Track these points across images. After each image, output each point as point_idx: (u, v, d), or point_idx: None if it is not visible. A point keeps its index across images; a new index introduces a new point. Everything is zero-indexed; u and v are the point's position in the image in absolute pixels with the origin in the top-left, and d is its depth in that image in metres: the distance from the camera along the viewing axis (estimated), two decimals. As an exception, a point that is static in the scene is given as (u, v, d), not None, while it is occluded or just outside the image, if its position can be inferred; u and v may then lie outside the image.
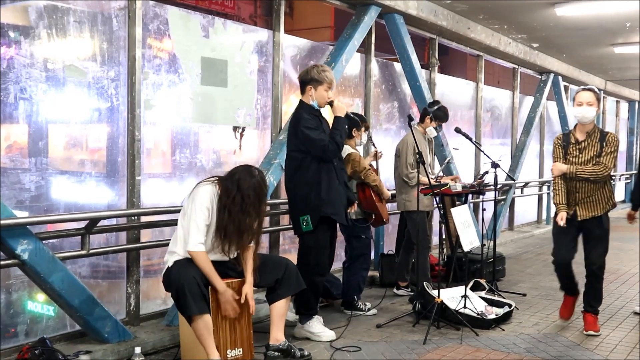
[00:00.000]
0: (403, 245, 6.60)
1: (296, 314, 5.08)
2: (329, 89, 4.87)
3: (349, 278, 5.76)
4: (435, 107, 6.41)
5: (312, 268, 4.91)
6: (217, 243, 4.10)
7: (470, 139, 6.62)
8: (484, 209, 6.89)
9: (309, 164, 4.81)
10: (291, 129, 4.92)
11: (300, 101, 4.98)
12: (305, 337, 4.97)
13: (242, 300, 4.19)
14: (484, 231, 6.90)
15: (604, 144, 5.05)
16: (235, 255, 4.27)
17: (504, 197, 10.43)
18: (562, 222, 5.06)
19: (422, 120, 6.33)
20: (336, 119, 4.89)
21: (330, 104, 4.92)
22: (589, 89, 5.15)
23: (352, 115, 5.12)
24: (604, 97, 15.72)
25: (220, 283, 4.08)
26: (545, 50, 11.11)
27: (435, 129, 6.41)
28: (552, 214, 5.41)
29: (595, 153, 5.06)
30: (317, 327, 4.98)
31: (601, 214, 5.13)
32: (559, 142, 5.27)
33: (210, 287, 4.09)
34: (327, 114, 5.15)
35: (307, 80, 4.89)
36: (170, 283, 4.07)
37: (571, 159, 5.15)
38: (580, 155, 5.12)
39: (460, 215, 5.68)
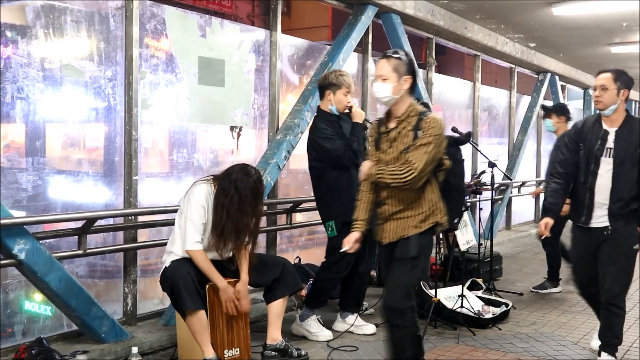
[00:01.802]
0: None
1: (303, 303, 5.17)
2: (348, 93, 4.95)
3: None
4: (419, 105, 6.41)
5: (331, 266, 5.05)
6: (214, 242, 4.11)
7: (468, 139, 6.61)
8: (481, 209, 6.89)
9: (330, 173, 4.95)
10: (308, 140, 5.05)
11: (318, 109, 5.10)
12: (302, 335, 4.99)
13: (235, 298, 4.20)
14: (481, 230, 6.91)
15: (418, 132, 3.55)
16: (230, 254, 4.28)
17: (501, 196, 10.44)
18: (346, 247, 3.74)
19: None
20: (354, 125, 4.97)
21: (349, 109, 4.99)
22: (385, 56, 3.67)
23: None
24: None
25: (221, 280, 4.09)
26: (542, 50, 11.12)
27: None
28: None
29: (406, 146, 3.58)
30: (315, 326, 4.99)
31: (411, 235, 3.61)
32: (372, 132, 3.82)
33: (207, 286, 4.10)
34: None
35: (325, 85, 4.98)
36: (166, 280, 4.08)
37: (380, 155, 3.71)
38: (390, 149, 3.64)
39: (458, 214, 5.68)
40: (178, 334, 4.39)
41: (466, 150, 9.31)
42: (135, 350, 4.09)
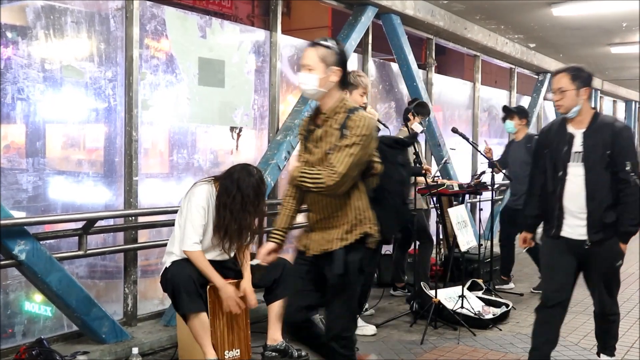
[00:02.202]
0: (397, 245, 6.60)
1: None
2: (364, 94, 4.96)
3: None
4: (415, 104, 6.44)
5: None
6: (217, 242, 4.12)
7: (467, 139, 6.63)
8: (481, 209, 6.89)
9: None
10: None
11: None
12: None
13: (241, 294, 4.21)
14: (481, 231, 6.91)
15: (344, 131, 3.13)
16: (233, 254, 4.29)
17: (501, 197, 10.43)
18: (259, 259, 3.41)
19: (405, 120, 6.30)
20: None
21: (364, 109, 5.00)
22: (312, 43, 3.25)
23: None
24: (600, 97, 15.72)
25: (219, 279, 4.09)
26: (542, 50, 11.13)
27: (420, 123, 6.39)
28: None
29: (332, 146, 3.16)
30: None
31: (336, 249, 3.19)
32: (302, 130, 3.40)
33: (208, 287, 4.10)
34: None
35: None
36: (167, 282, 4.08)
37: (307, 156, 3.31)
38: (317, 149, 3.24)
39: (458, 215, 5.69)
40: (178, 334, 4.39)
41: (466, 150, 9.33)
42: (135, 350, 4.09)
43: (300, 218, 3.56)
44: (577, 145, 3.85)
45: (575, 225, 3.88)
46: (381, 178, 3.33)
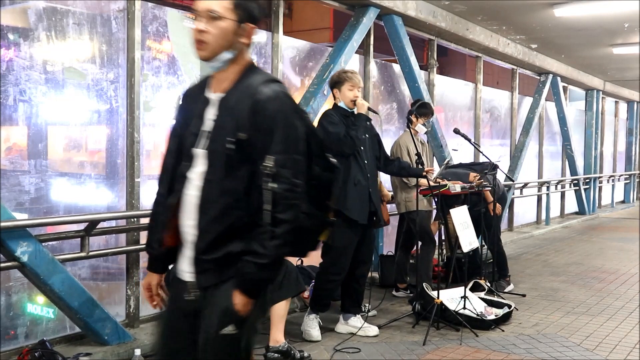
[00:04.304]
0: (400, 246, 6.59)
1: (308, 306, 5.18)
2: (353, 87, 5.02)
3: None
4: (417, 105, 6.43)
5: (329, 267, 5.04)
6: None
7: (469, 140, 6.62)
8: (483, 210, 6.88)
9: None
10: (317, 126, 5.12)
11: (333, 105, 5.20)
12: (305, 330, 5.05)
13: None
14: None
15: None
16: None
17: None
18: None
19: (409, 122, 6.28)
20: (357, 115, 5.03)
21: (354, 101, 5.09)
22: None
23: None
24: (603, 97, 15.71)
25: None
26: (544, 51, 11.13)
27: (424, 124, 6.38)
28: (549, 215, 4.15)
29: None
30: (309, 324, 5.00)
31: None
32: None
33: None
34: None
35: (332, 85, 5.13)
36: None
37: None
38: None
39: (460, 216, 5.69)
40: (181, 336, 4.39)
41: (468, 151, 9.32)
42: (137, 352, 4.09)
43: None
44: (209, 120, 2.33)
45: (186, 257, 2.36)
46: None
